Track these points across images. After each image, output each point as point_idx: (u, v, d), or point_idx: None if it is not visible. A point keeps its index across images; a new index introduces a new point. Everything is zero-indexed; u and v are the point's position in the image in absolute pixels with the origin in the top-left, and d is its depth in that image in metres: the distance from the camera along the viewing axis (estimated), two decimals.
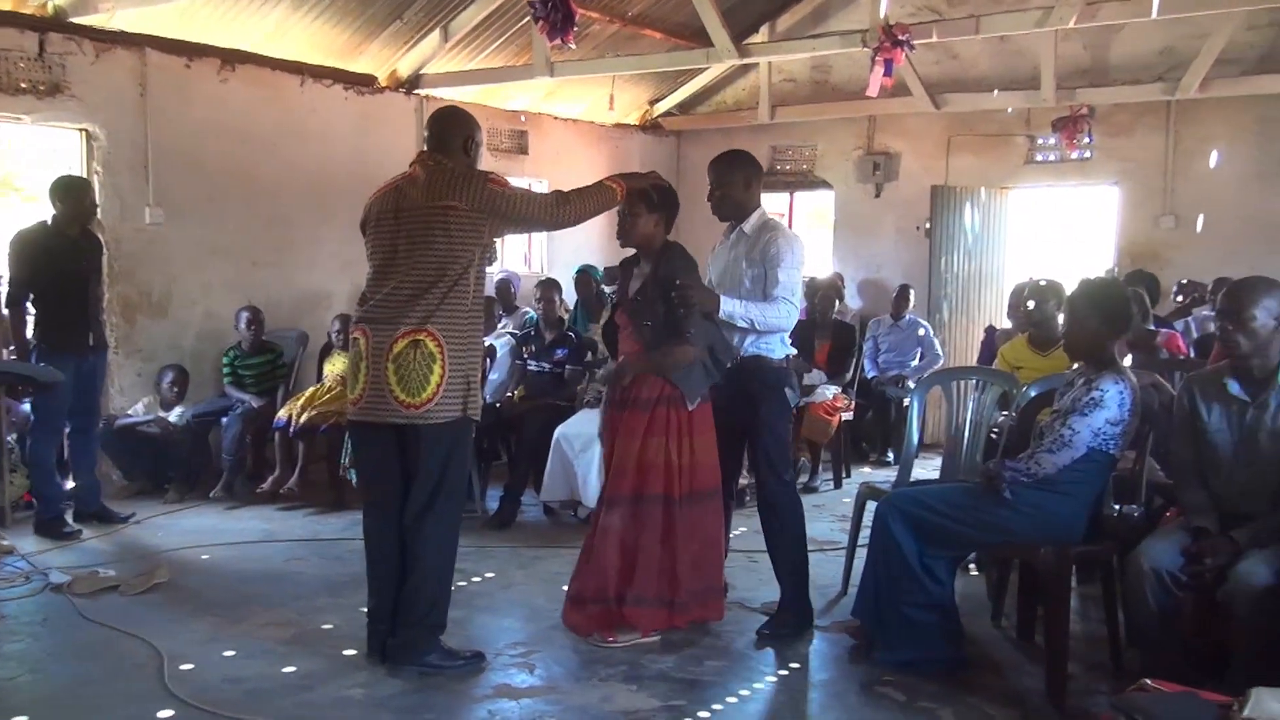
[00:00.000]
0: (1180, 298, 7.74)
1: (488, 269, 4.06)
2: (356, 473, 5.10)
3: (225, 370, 7.04)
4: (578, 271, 8.72)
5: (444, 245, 3.73)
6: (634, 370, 4.19)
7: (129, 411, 6.80)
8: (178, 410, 6.80)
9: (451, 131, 3.96)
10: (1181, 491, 3.70)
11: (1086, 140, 9.02)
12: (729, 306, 4.13)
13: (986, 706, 3.64)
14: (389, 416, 3.79)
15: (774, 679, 3.92)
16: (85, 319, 5.86)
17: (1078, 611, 4.44)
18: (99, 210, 6.33)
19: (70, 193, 5.79)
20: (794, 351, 4.58)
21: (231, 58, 7.34)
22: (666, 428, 4.13)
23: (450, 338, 3.76)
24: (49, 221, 5.79)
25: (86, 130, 6.69)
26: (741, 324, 4.18)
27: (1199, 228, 8.84)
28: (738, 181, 4.33)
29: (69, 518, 5.90)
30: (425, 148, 4.00)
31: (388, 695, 3.69)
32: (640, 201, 4.17)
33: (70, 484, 6.18)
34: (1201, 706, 2.39)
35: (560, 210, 3.93)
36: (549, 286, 6.91)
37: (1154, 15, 6.69)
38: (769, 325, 4.21)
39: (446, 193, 3.74)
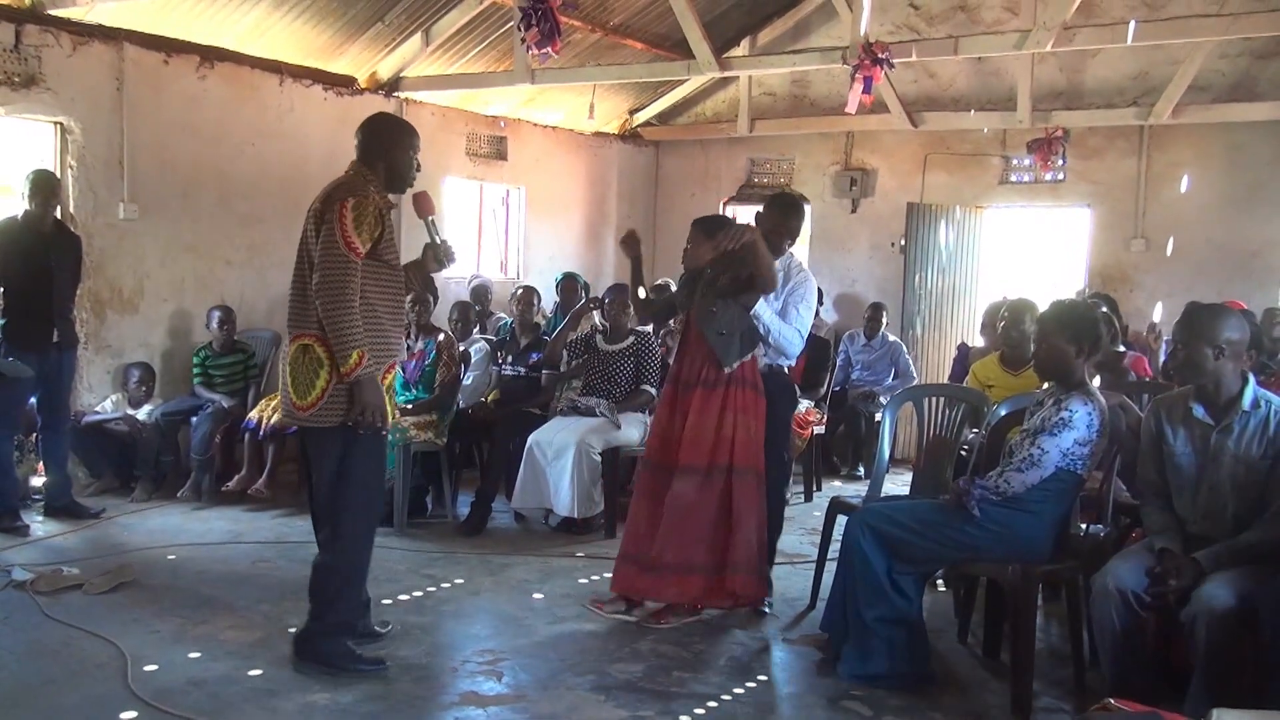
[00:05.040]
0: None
1: (445, 272, 4.14)
2: None
3: (195, 370, 6.97)
4: (564, 276, 8.71)
5: (327, 251, 3.74)
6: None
7: (97, 408, 6.74)
8: (146, 408, 6.74)
9: (368, 142, 3.95)
10: (1146, 512, 3.74)
11: (1060, 162, 9.14)
12: (759, 307, 4.54)
13: None
14: (287, 418, 3.97)
15: (741, 691, 3.92)
16: (50, 315, 5.81)
17: (1043, 629, 4.48)
18: (69, 203, 6.27)
19: (34, 186, 5.75)
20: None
21: (210, 55, 7.29)
22: (738, 404, 4.51)
23: None
24: (19, 216, 5.75)
25: (61, 124, 6.62)
26: (763, 327, 4.57)
27: (1169, 251, 8.96)
28: (794, 230, 4.79)
29: (37, 512, 5.87)
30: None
31: (352, 701, 3.67)
32: (701, 233, 4.62)
33: (40, 479, 6.16)
34: None
35: (331, 300, 3.69)
36: (526, 291, 6.96)
37: (1129, 41, 6.82)
38: (779, 341, 4.64)
39: (329, 205, 3.77)
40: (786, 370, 4.84)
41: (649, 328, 7.07)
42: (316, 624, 3.91)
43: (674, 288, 9.39)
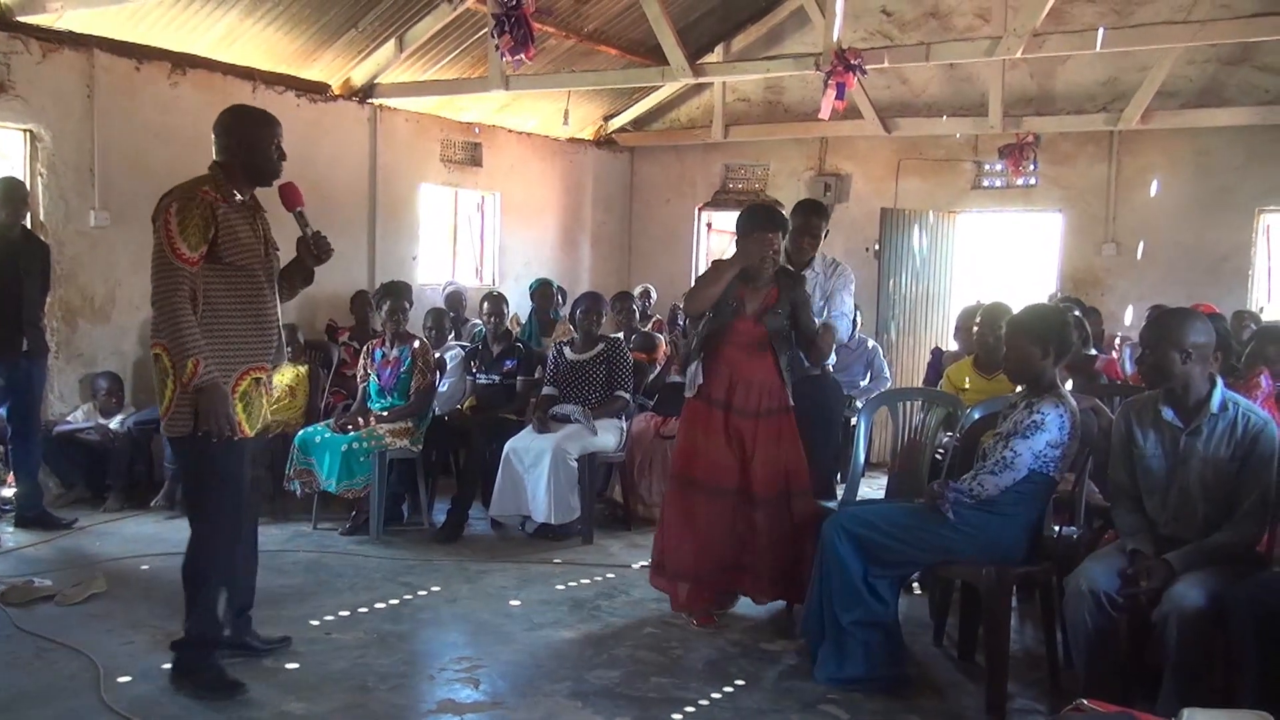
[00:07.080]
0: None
1: (421, 279, 4.09)
2: None
3: None
4: (539, 283, 8.70)
5: (155, 259, 3.68)
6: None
7: (68, 418, 6.67)
8: (119, 417, 6.68)
9: (221, 140, 3.85)
10: (1117, 514, 3.78)
11: (1032, 167, 9.25)
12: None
13: None
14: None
15: (718, 695, 3.93)
16: (19, 324, 5.76)
17: (1017, 631, 4.52)
18: (39, 211, 6.21)
19: (4, 194, 5.71)
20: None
21: (182, 61, 7.25)
22: (790, 429, 4.66)
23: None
24: None
25: (31, 131, 6.57)
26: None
27: (1139, 255, 9.06)
28: (815, 229, 5.14)
29: (8, 523, 5.82)
30: None
31: (329, 711, 3.66)
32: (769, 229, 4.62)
33: (10, 490, 6.09)
34: None
35: (159, 310, 3.66)
36: (494, 300, 6.94)
37: (1098, 48, 6.89)
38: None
39: (156, 211, 3.69)
40: (829, 369, 5.21)
41: (619, 335, 7.07)
42: (184, 629, 3.83)
43: (654, 295, 9.49)
